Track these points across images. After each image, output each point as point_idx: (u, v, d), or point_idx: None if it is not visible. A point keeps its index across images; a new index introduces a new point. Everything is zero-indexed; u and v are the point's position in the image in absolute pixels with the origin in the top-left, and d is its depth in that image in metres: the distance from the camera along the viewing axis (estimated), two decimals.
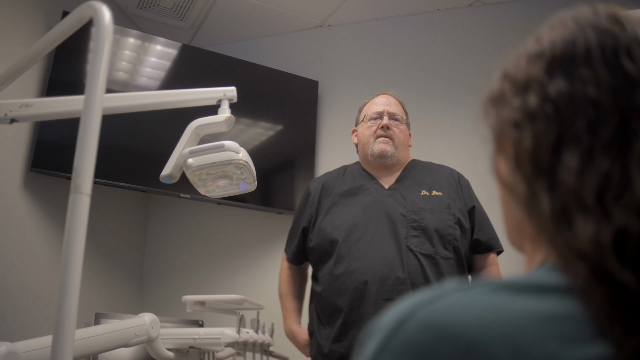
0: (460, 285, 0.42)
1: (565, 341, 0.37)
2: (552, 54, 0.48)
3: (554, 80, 0.46)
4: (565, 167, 0.43)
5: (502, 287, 0.41)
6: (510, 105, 0.50)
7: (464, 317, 0.38)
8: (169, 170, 1.44)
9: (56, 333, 0.85)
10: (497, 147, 0.53)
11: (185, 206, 2.99)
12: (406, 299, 0.43)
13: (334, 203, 1.87)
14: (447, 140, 2.77)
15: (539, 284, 0.41)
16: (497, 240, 1.81)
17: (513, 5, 2.90)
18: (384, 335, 0.41)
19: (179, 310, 2.58)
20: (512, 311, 0.38)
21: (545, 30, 0.52)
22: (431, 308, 0.40)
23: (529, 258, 0.50)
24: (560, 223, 0.42)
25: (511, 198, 0.50)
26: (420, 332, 0.39)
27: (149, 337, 1.61)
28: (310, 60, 3.14)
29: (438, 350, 0.37)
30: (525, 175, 0.46)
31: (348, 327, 1.67)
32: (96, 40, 1.03)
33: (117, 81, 2.64)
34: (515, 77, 0.51)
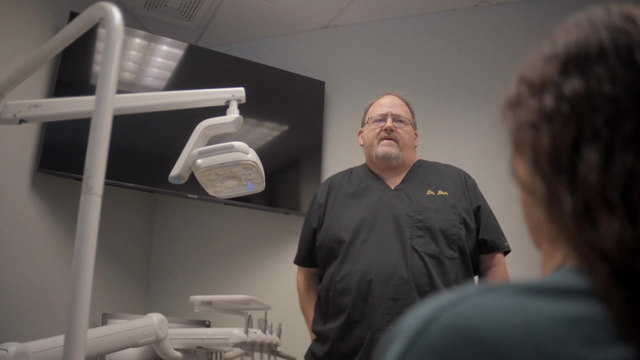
0: (482, 287, 0.42)
1: (588, 343, 0.37)
2: (567, 55, 0.48)
3: (569, 80, 0.46)
4: (586, 163, 0.43)
5: (524, 289, 0.41)
6: (526, 107, 0.50)
7: (489, 320, 0.38)
8: (178, 171, 1.44)
9: (68, 333, 0.85)
10: (516, 149, 0.53)
11: (192, 206, 2.99)
12: (429, 302, 0.43)
13: (340, 204, 1.87)
14: (454, 141, 2.76)
15: (561, 287, 0.41)
16: (503, 240, 1.81)
17: (519, 6, 2.89)
18: (409, 338, 0.41)
19: (186, 311, 2.59)
20: (536, 314, 0.38)
21: (561, 33, 0.52)
22: (455, 310, 0.40)
23: (547, 258, 0.50)
24: (583, 222, 0.42)
25: (531, 199, 0.50)
26: (446, 335, 0.39)
27: (157, 337, 1.61)
28: (316, 60, 3.14)
29: (463, 352, 0.38)
30: (544, 175, 0.46)
31: (351, 327, 1.68)
32: (107, 41, 1.03)
33: (123, 81, 2.64)
34: (531, 80, 0.51)
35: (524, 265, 2.36)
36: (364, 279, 1.67)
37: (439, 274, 1.67)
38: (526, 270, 2.36)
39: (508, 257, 1.87)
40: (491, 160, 2.61)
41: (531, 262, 2.47)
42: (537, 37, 2.20)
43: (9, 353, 1.18)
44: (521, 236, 2.02)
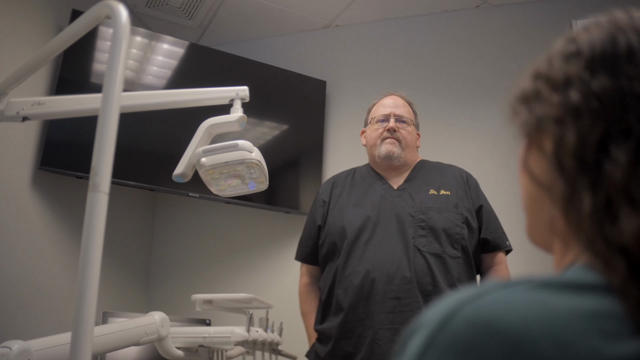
0: (502, 283, 0.43)
1: (607, 337, 0.38)
2: (592, 53, 0.48)
3: (597, 77, 0.47)
4: (613, 161, 0.43)
5: (542, 285, 0.42)
6: (548, 101, 0.50)
7: (509, 314, 0.39)
8: (182, 169, 1.44)
9: (75, 331, 0.85)
10: (529, 144, 0.53)
11: (192, 205, 2.99)
12: (449, 297, 0.44)
13: (344, 202, 1.88)
14: (455, 140, 2.77)
15: (578, 283, 0.42)
16: (504, 239, 1.82)
17: (519, 7, 2.90)
18: (430, 332, 0.41)
19: (185, 309, 2.59)
20: (555, 308, 0.39)
21: (580, 32, 0.53)
22: (476, 304, 0.41)
23: (559, 256, 0.50)
24: (603, 219, 0.43)
25: (544, 196, 0.51)
26: (467, 328, 0.40)
27: (159, 336, 1.61)
28: (318, 60, 3.14)
29: (485, 345, 0.38)
30: (567, 172, 0.46)
31: (354, 325, 1.68)
32: (113, 39, 1.03)
33: (124, 80, 2.63)
34: (551, 75, 0.51)
35: (525, 263, 2.37)
36: (367, 277, 1.68)
37: (442, 273, 1.68)
38: (527, 269, 2.37)
39: (509, 255, 1.88)
40: (492, 160, 2.64)
41: (532, 261, 2.49)
42: (537, 38, 2.22)
43: (13, 351, 1.18)
44: (522, 235, 2.03)
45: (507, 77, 2.29)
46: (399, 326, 1.62)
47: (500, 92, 2.25)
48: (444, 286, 1.66)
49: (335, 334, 1.71)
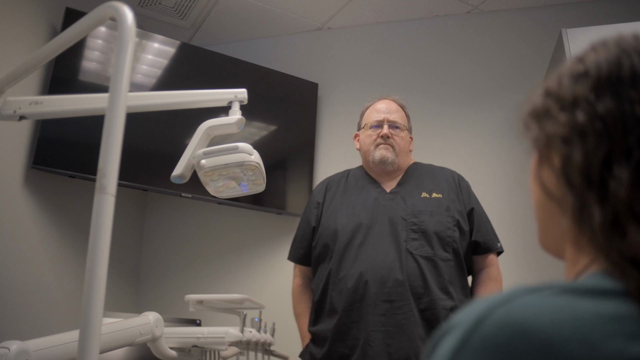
0: (528, 288, 0.45)
1: (629, 338, 0.40)
2: (598, 75, 0.51)
3: (602, 100, 0.50)
4: (617, 180, 0.46)
5: (567, 290, 0.44)
6: (556, 120, 0.53)
7: (539, 317, 0.42)
8: (180, 171, 1.44)
9: (83, 331, 0.85)
10: (540, 158, 0.56)
11: (183, 205, 2.99)
12: (480, 301, 0.46)
13: (337, 204, 1.90)
14: (445, 143, 2.80)
15: (599, 289, 0.44)
16: (496, 241, 1.86)
17: (510, 13, 2.94)
18: (464, 333, 0.44)
19: (175, 310, 2.59)
20: (581, 312, 0.42)
21: (589, 52, 0.55)
22: (507, 308, 0.43)
23: (571, 262, 0.53)
24: (613, 233, 0.46)
25: (555, 206, 0.54)
26: (500, 330, 0.42)
27: (153, 336, 1.61)
28: (310, 62, 3.16)
29: (517, 347, 0.41)
30: (575, 187, 0.49)
31: (349, 328, 1.70)
32: (119, 41, 1.04)
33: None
34: (559, 94, 0.54)
35: (517, 265, 2.42)
36: (360, 280, 1.70)
37: (433, 275, 1.70)
38: (518, 270, 2.41)
39: (501, 257, 1.91)
40: (482, 162, 2.68)
41: (523, 263, 2.52)
42: (527, 45, 2.26)
43: (11, 351, 1.18)
44: (513, 237, 2.05)
45: (497, 82, 2.37)
46: (392, 328, 1.64)
47: (490, 96, 2.32)
48: (435, 289, 1.68)
49: (330, 336, 1.72)
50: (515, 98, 2.81)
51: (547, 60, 2.65)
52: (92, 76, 2.54)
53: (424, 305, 1.67)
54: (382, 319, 1.65)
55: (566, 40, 2.30)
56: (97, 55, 2.58)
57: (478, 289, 1.80)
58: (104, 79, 2.58)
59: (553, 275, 2.47)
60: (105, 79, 2.59)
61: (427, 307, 1.67)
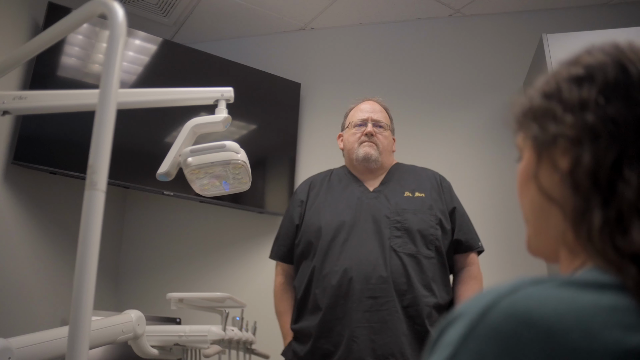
0: (531, 280, 0.48)
1: (626, 329, 0.43)
2: (605, 79, 0.53)
3: (613, 103, 0.52)
4: (626, 182, 0.49)
5: (567, 283, 0.47)
6: (562, 121, 0.54)
7: (543, 307, 0.44)
8: (166, 168, 1.44)
9: (72, 328, 0.85)
10: (539, 158, 0.57)
11: (164, 203, 2.97)
12: (486, 291, 0.48)
13: (320, 203, 1.91)
14: (426, 144, 2.84)
15: (597, 282, 0.47)
16: (477, 240, 1.89)
17: (491, 18, 2.99)
18: (470, 322, 0.46)
19: (155, 308, 2.57)
20: (581, 303, 0.44)
21: (584, 56, 0.58)
22: (512, 298, 0.45)
23: (566, 263, 0.55)
24: (614, 231, 0.48)
25: (552, 208, 0.55)
26: (505, 320, 0.44)
27: (135, 334, 1.61)
28: (293, 62, 3.16)
29: (522, 335, 0.43)
30: (581, 190, 0.51)
31: (333, 324, 1.71)
32: (110, 38, 1.04)
33: (92, 74, 2.58)
34: (562, 96, 0.56)
35: (496, 264, 2.46)
36: (344, 277, 1.72)
37: (417, 273, 1.73)
38: (498, 269, 2.45)
39: (481, 256, 1.94)
40: (463, 163, 2.71)
41: (502, 262, 2.56)
42: (508, 49, 2.31)
43: None
44: (492, 236, 2.08)
45: (478, 84, 2.41)
46: (376, 324, 1.66)
47: (471, 98, 2.36)
48: (418, 286, 1.71)
49: (314, 333, 1.73)
50: (496, 100, 2.87)
51: (527, 64, 2.70)
52: (72, 72, 2.51)
53: (407, 302, 1.69)
54: (366, 315, 1.67)
55: (546, 45, 2.35)
56: (77, 51, 2.55)
57: (459, 287, 1.83)
58: (84, 75, 2.55)
59: (530, 273, 2.50)
60: (85, 75, 2.56)
61: (410, 304, 1.69)
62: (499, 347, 0.43)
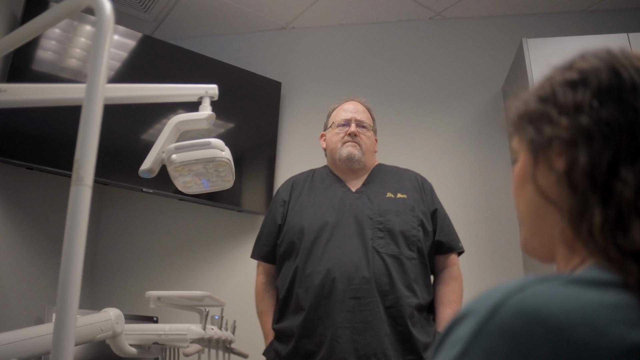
0: (537, 278, 0.49)
1: (631, 325, 0.44)
2: (599, 83, 0.55)
3: (606, 106, 0.54)
4: (623, 182, 0.50)
5: (571, 281, 0.48)
6: (557, 124, 0.56)
7: (551, 304, 0.45)
8: (149, 165, 1.42)
9: (57, 326, 0.84)
10: (535, 160, 0.59)
11: (143, 200, 2.93)
12: (494, 289, 0.50)
13: (303, 203, 1.91)
14: (407, 145, 2.86)
15: (600, 280, 0.48)
16: (457, 241, 1.91)
17: (472, 21, 3.03)
18: (481, 319, 0.47)
19: (132, 306, 2.54)
20: (587, 300, 0.46)
21: (578, 61, 0.59)
22: (521, 296, 0.47)
23: (563, 262, 0.57)
24: (615, 230, 0.50)
25: (549, 208, 0.57)
26: (515, 317, 0.45)
27: (114, 333, 1.59)
28: (273, 61, 3.16)
29: (532, 331, 0.44)
30: (579, 189, 0.53)
31: (316, 324, 1.72)
32: (97, 32, 1.02)
33: (69, 69, 2.53)
34: (557, 100, 0.57)
35: (476, 265, 2.49)
36: (327, 277, 1.72)
37: (399, 273, 1.74)
38: (477, 270, 2.49)
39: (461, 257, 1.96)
40: (442, 165, 2.73)
41: (481, 263, 2.59)
42: (488, 52, 2.35)
43: None
44: (471, 237, 2.10)
45: (458, 86, 2.44)
46: (358, 325, 1.67)
47: (451, 100, 2.39)
48: (400, 286, 1.72)
49: (297, 333, 1.73)
50: (476, 102, 2.89)
51: (507, 67, 2.74)
52: (48, 66, 2.46)
53: (389, 302, 1.70)
54: (349, 316, 1.68)
55: (526, 49, 2.39)
56: (54, 45, 2.50)
57: (440, 287, 1.85)
58: (60, 70, 2.51)
59: (508, 274, 2.56)
60: (62, 70, 2.52)
61: (393, 304, 1.70)
62: (510, 344, 0.44)
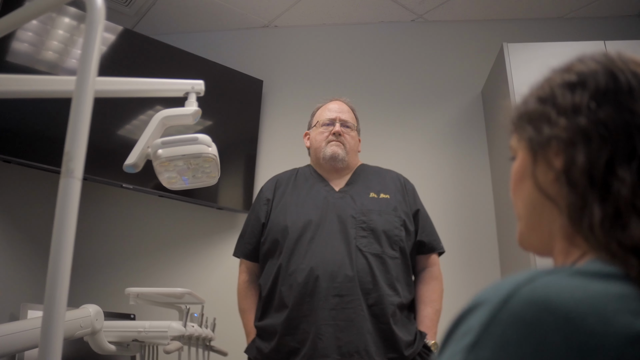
0: (545, 270, 0.51)
1: (635, 314, 0.46)
2: (596, 86, 0.57)
3: (603, 108, 0.56)
4: (620, 180, 0.53)
5: (577, 272, 0.50)
6: (556, 124, 0.58)
7: (561, 294, 0.47)
8: (134, 159, 1.40)
9: (45, 322, 0.82)
10: (535, 158, 0.61)
11: (122, 196, 2.90)
12: (503, 280, 0.51)
13: (287, 201, 1.92)
14: (384, 146, 2.88)
15: (603, 272, 0.50)
16: (439, 242, 1.94)
17: (453, 25, 3.07)
18: (493, 308, 0.48)
19: (108, 303, 2.51)
20: (593, 291, 0.48)
21: (576, 64, 0.62)
22: (532, 287, 0.48)
23: (562, 256, 0.59)
24: (614, 226, 0.52)
25: (547, 204, 0.59)
26: (527, 306, 0.47)
27: (94, 329, 1.57)
28: (255, 59, 3.15)
29: (543, 320, 0.46)
30: (577, 187, 0.55)
31: (299, 322, 1.72)
32: (88, 24, 1.01)
33: (44, 61, 2.48)
34: (556, 101, 0.60)
35: (456, 265, 2.53)
36: (311, 275, 1.73)
37: (382, 272, 1.75)
38: (457, 270, 2.52)
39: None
40: (421, 165, 2.76)
41: (460, 262, 2.62)
42: (468, 55, 2.39)
43: None
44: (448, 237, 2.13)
45: (438, 88, 2.47)
46: (341, 322, 1.68)
47: (431, 102, 2.42)
48: (383, 285, 1.74)
49: (280, 330, 1.73)
50: (455, 104, 2.93)
51: (487, 71, 2.78)
52: (23, 58, 2.41)
53: (372, 301, 1.71)
54: (332, 313, 1.69)
55: (507, 53, 2.43)
56: (30, 37, 2.46)
57: (421, 286, 1.87)
58: (36, 62, 2.46)
59: (485, 273, 2.59)
60: (37, 62, 2.47)
61: (375, 303, 1.71)
62: (522, 332, 0.46)
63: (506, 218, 2.57)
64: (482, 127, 2.89)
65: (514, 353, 0.45)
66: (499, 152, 2.67)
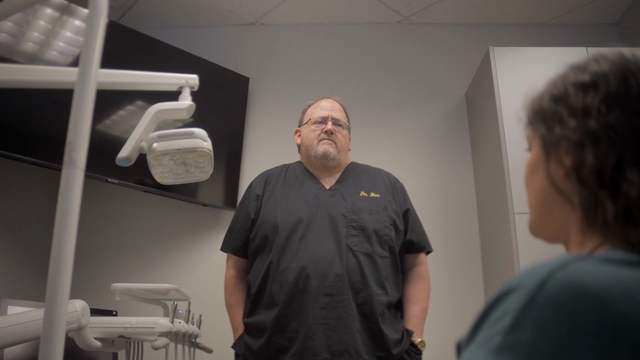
0: (575, 256, 0.53)
1: None
2: (608, 89, 0.59)
3: (613, 112, 0.58)
4: (629, 182, 0.55)
5: (605, 260, 0.52)
6: (566, 125, 0.61)
7: (594, 279, 0.49)
8: (127, 153, 1.39)
9: (48, 314, 0.81)
10: (547, 154, 0.64)
11: (107, 191, 2.86)
12: (537, 265, 0.53)
13: (277, 198, 1.91)
14: (370, 145, 2.90)
15: (627, 260, 0.53)
16: (427, 241, 1.96)
17: (439, 27, 3.11)
18: (530, 292, 0.50)
19: (89, 299, 2.47)
20: (623, 276, 0.50)
21: (591, 63, 0.63)
22: (566, 271, 0.50)
23: (577, 245, 0.61)
24: (627, 222, 0.55)
25: (558, 197, 0.62)
26: (563, 290, 0.49)
27: (80, 325, 1.55)
28: (242, 56, 3.14)
29: (579, 303, 0.48)
30: (588, 185, 0.58)
31: (289, 320, 1.72)
32: (90, 14, 0.99)
33: (24, 53, 2.42)
34: (568, 102, 0.62)
35: (443, 264, 2.55)
36: (302, 273, 1.73)
37: (372, 271, 1.76)
38: (439, 268, 2.54)
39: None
40: (407, 165, 2.77)
41: (446, 261, 2.65)
42: (454, 58, 2.43)
43: None
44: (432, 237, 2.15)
45: (423, 90, 2.50)
46: (332, 321, 1.68)
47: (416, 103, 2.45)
48: (373, 284, 1.74)
49: (269, 328, 1.73)
50: (440, 106, 2.95)
51: (471, 73, 2.82)
52: (2, 49, 2.35)
53: (361, 300, 1.72)
54: (322, 312, 1.69)
55: (492, 57, 2.47)
56: (9, 27, 2.40)
57: (409, 285, 1.88)
58: (14, 53, 2.40)
59: (467, 272, 2.62)
60: (16, 53, 2.41)
61: (365, 302, 1.72)
62: (559, 314, 0.48)
63: (488, 218, 2.61)
64: (466, 128, 2.93)
65: (552, 334, 0.47)
66: (482, 153, 2.71)
